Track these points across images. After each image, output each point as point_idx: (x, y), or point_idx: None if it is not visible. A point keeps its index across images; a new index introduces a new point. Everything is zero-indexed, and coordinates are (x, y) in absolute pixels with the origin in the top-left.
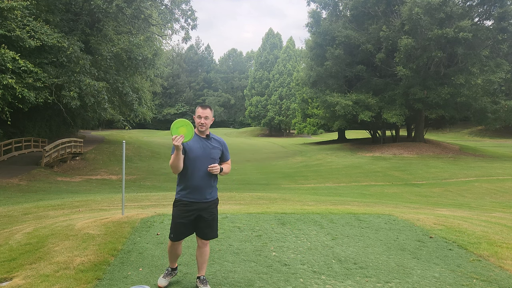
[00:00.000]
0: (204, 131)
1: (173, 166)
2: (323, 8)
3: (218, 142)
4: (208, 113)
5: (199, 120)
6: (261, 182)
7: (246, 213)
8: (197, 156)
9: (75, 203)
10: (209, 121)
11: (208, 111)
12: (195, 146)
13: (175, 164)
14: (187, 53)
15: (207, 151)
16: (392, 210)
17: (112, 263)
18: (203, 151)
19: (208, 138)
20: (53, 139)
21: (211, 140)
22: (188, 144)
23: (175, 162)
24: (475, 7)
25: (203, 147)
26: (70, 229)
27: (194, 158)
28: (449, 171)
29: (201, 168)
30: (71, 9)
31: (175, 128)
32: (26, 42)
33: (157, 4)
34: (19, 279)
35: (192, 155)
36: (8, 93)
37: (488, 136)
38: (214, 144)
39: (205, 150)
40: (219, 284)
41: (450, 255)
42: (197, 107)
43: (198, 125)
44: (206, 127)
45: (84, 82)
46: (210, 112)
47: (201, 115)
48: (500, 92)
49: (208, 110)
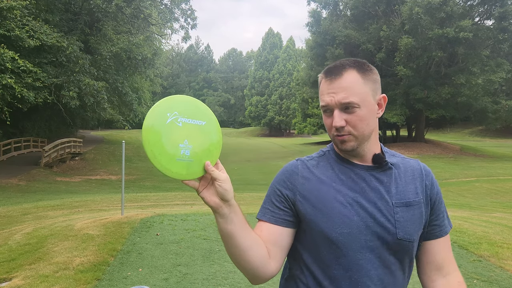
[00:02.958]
0: (352, 139)
1: (236, 262)
2: (323, 8)
3: (410, 170)
4: (349, 85)
5: (329, 100)
6: (261, 182)
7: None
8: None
9: (74, 203)
10: (363, 111)
11: (350, 78)
12: (323, 189)
13: (233, 257)
14: (186, 53)
15: (372, 202)
16: None
17: (112, 264)
18: (363, 203)
19: (379, 160)
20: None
21: (385, 165)
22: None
23: (230, 250)
24: (476, 6)
25: (358, 189)
26: (69, 229)
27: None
28: (450, 171)
29: (360, 252)
30: (71, 9)
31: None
32: (26, 41)
33: (156, 4)
34: (18, 280)
35: (319, 220)
36: (7, 93)
37: (489, 136)
38: (401, 178)
39: (367, 197)
40: (219, 284)
41: None
42: (320, 76)
43: (329, 127)
44: (356, 125)
45: (83, 82)
46: (358, 80)
47: (332, 91)
48: (501, 92)
49: (348, 77)
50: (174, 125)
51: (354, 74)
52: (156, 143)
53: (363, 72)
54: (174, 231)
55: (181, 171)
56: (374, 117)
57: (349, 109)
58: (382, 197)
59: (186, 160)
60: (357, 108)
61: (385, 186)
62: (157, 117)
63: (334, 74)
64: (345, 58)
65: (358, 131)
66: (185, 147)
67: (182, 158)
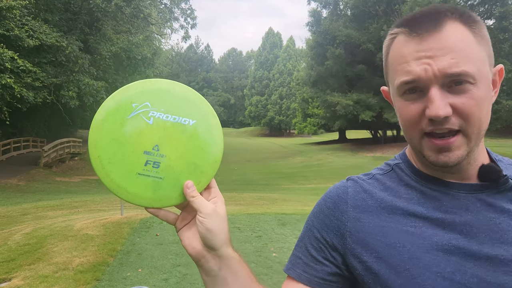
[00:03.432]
0: (463, 143)
1: None
2: (324, 7)
3: None
4: (456, 44)
5: (421, 69)
6: (261, 182)
7: (246, 213)
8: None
9: (74, 204)
10: (481, 90)
11: (457, 34)
12: (396, 230)
13: None
14: (186, 53)
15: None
16: None
17: (111, 264)
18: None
19: (491, 173)
20: (52, 139)
21: (503, 182)
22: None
23: None
24: (476, 6)
25: (460, 226)
26: (69, 229)
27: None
28: None
29: None
30: (70, 9)
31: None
32: (25, 41)
33: (156, 3)
34: (18, 280)
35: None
36: (6, 92)
37: (489, 136)
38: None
39: (477, 240)
40: None
41: None
42: (394, 32)
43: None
44: (471, 114)
45: (83, 81)
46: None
47: (428, 53)
48: (501, 92)
49: (454, 32)
50: (141, 121)
51: (461, 28)
52: (106, 147)
53: (472, 26)
54: (173, 231)
55: (143, 192)
56: (491, 102)
57: (458, 86)
58: (502, 238)
59: (153, 177)
60: (472, 85)
61: (506, 217)
62: (115, 108)
63: (427, 26)
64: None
65: (474, 126)
66: (154, 155)
67: (147, 172)
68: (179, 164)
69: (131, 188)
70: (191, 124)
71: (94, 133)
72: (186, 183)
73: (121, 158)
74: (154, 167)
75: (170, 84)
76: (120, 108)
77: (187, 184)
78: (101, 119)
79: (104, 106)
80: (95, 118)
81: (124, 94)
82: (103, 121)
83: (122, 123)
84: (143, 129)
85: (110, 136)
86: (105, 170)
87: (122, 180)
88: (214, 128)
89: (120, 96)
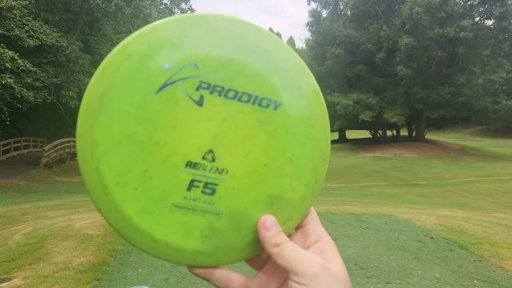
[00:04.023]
0: None
1: None
2: (324, 7)
3: None
4: None
5: None
6: None
7: None
8: None
9: (74, 203)
10: None
11: None
12: None
13: None
14: None
15: None
16: (393, 211)
17: (112, 264)
18: None
19: None
20: (52, 139)
21: None
22: None
23: None
24: (476, 6)
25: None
26: (69, 229)
27: None
28: (450, 171)
29: None
30: (70, 9)
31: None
32: (25, 41)
33: (156, 3)
34: (18, 280)
35: None
36: (7, 92)
37: (489, 136)
38: None
39: None
40: None
41: (451, 256)
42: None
43: None
44: None
45: (83, 81)
46: None
47: None
48: (501, 91)
49: None
50: (181, 100)
51: None
52: (113, 152)
53: None
54: None
55: (184, 241)
56: None
57: None
58: None
59: (202, 212)
60: None
61: None
62: (130, 72)
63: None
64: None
65: None
66: (206, 170)
67: (192, 203)
68: (253, 188)
69: (160, 233)
70: (276, 108)
71: (88, 124)
72: (263, 220)
73: (141, 176)
74: (205, 193)
75: (234, 23)
76: (139, 74)
77: (265, 223)
78: (100, 92)
79: (108, 68)
80: (88, 94)
81: (148, 43)
82: (104, 99)
83: (144, 104)
84: (186, 118)
85: (120, 130)
86: (110, 198)
87: (143, 218)
88: (318, 116)
89: (139, 47)
